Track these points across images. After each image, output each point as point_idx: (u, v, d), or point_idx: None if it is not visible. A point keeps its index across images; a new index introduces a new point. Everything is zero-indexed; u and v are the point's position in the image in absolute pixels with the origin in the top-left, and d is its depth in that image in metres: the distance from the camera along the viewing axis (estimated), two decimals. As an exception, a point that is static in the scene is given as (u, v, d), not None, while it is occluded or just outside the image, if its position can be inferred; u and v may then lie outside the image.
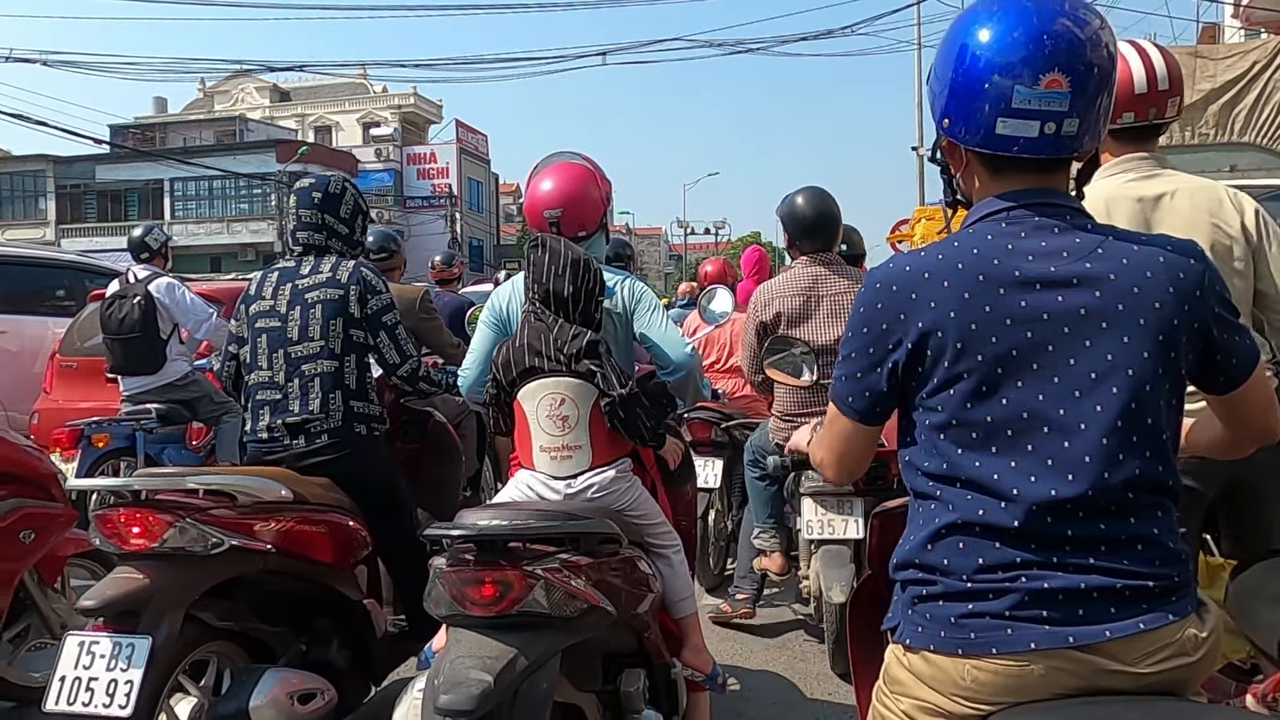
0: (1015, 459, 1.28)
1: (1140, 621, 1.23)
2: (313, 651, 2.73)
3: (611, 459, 2.38)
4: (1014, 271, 1.31)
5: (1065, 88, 1.30)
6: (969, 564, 1.28)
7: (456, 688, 1.79)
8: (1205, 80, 7.87)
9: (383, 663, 3.00)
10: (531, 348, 2.35)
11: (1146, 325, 1.29)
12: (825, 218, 3.77)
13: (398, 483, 3.03)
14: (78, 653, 2.20)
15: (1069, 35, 1.30)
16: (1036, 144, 1.33)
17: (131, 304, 5.35)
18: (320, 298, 2.86)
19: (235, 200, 39.45)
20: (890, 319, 1.36)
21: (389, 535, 2.95)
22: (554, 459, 2.33)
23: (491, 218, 49.07)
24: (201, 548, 2.33)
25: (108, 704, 2.14)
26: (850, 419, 1.46)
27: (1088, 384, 1.28)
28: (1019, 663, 1.24)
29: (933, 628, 1.30)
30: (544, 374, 2.33)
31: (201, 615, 2.41)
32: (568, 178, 2.76)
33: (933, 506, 1.34)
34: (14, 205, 40.58)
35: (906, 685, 1.35)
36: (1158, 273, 1.30)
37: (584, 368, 2.31)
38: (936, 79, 1.42)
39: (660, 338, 2.64)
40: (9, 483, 3.06)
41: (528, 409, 2.36)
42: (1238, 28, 14.63)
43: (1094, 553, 1.25)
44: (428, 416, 3.44)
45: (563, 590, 1.97)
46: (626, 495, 2.41)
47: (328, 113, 48.37)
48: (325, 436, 2.81)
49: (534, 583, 1.93)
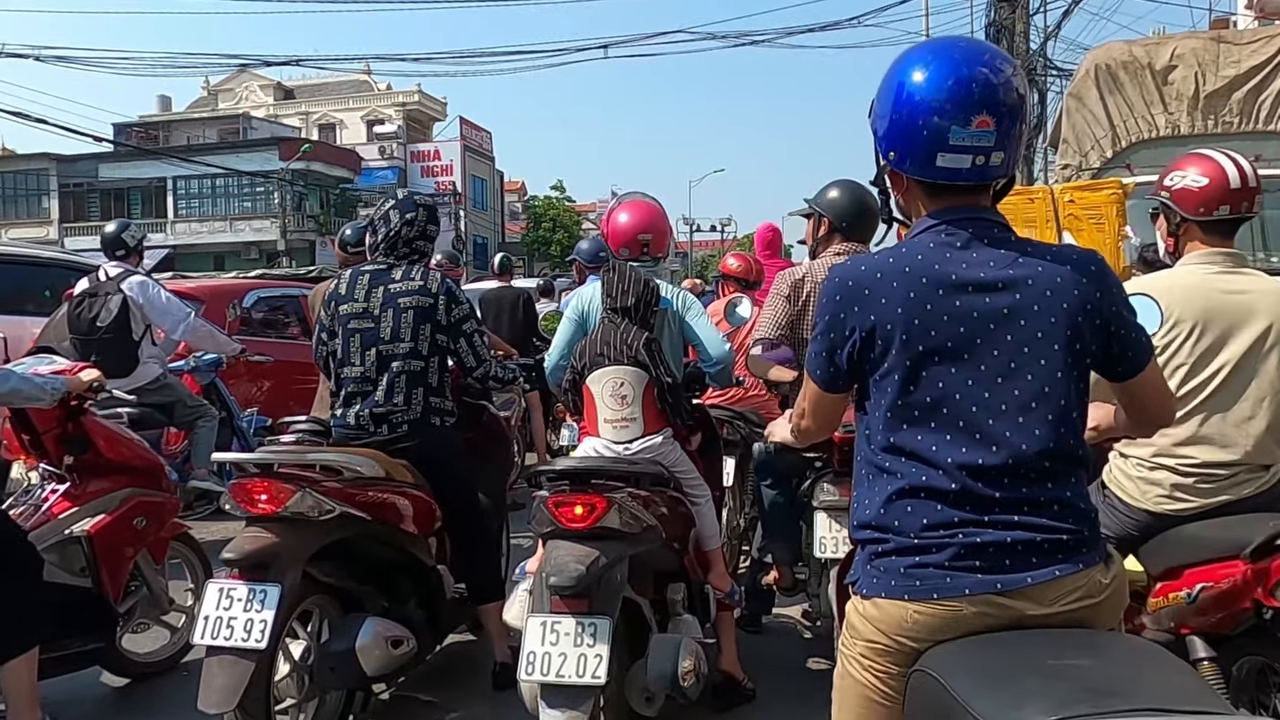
0: (949, 433, 1.51)
1: (1056, 569, 1.47)
2: (394, 607, 3.19)
3: (658, 428, 3.03)
4: (951, 275, 1.54)
5: (991, 126, 1.52)
6: (915, 524, 1.51)
7: (561, 572, 2.54)
8: (1229, 66, 7.61)
9: (448, 621, 3.47)
10: (603, 343, 3.03)
11: (1057, 322, 1.52)
12: (870, 208, 3.62)
13: (463, 466, 3.48)
14: (218, 597, 2.65)
15: (991, 82, 1.53)
16: (968, 173, 1.56)
17: (102, 303, 5.13)
18: (412, 303, 3.25)
19: (238, 198, 39.58)
20: (846, 310, 1.59)
21: (455, 510, 3.40)
22: (615, 428, 3.00)
23: (496, 215, 49.36)
24: (316, 513, 2.78)
25: (245, 639, 2.58)
26: (818, 387, 1.71)
27: (1008, 371, 1.52)
28: (954, 606, 1.47)
29: (884, 578, 1.53)
30: (609, 363, 2.99)
31: (311, 571, 2.88)
32: (652, 211, 3.58)
33: (884, 476, 1.56)
34: (17, 204, 40.67)
35: (860, 630, 1.57)
36: (1065, 278, 1.54)
37: (642, 359, 2.98)
38: (878, 115, 1.64)
39: (705, 337, 3.37)
40: (123, 474, 3.48)
41: (595, 390, 3.02)
42: (1250, 19, 14.15)
43: (1018, 512, 1.49)
44: (482, 409, 3.89)
45: (629, 513, 2.69)
46: (670, 455, 3.08)
47: (332, 110, 48.56)
48: (406, 427, 3.24)
49: (611, 505, 2.64)
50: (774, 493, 3.77)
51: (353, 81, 47.51)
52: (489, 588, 3.50)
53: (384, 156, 43.31)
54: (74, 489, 3.35)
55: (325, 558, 2.92)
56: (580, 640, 2.51)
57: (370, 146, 44.11)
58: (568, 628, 2.53)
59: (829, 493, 3.35)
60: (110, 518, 3.34)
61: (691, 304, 3.42)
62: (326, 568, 2.96)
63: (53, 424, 3.31)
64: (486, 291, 8.41)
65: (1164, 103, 7.89)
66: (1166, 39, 8.49)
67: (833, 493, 3.33)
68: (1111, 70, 7.97)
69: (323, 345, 3.42)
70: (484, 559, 3.53)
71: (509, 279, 8.96)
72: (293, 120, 47.68)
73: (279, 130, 43.64)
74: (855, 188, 3.70)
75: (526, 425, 7.43)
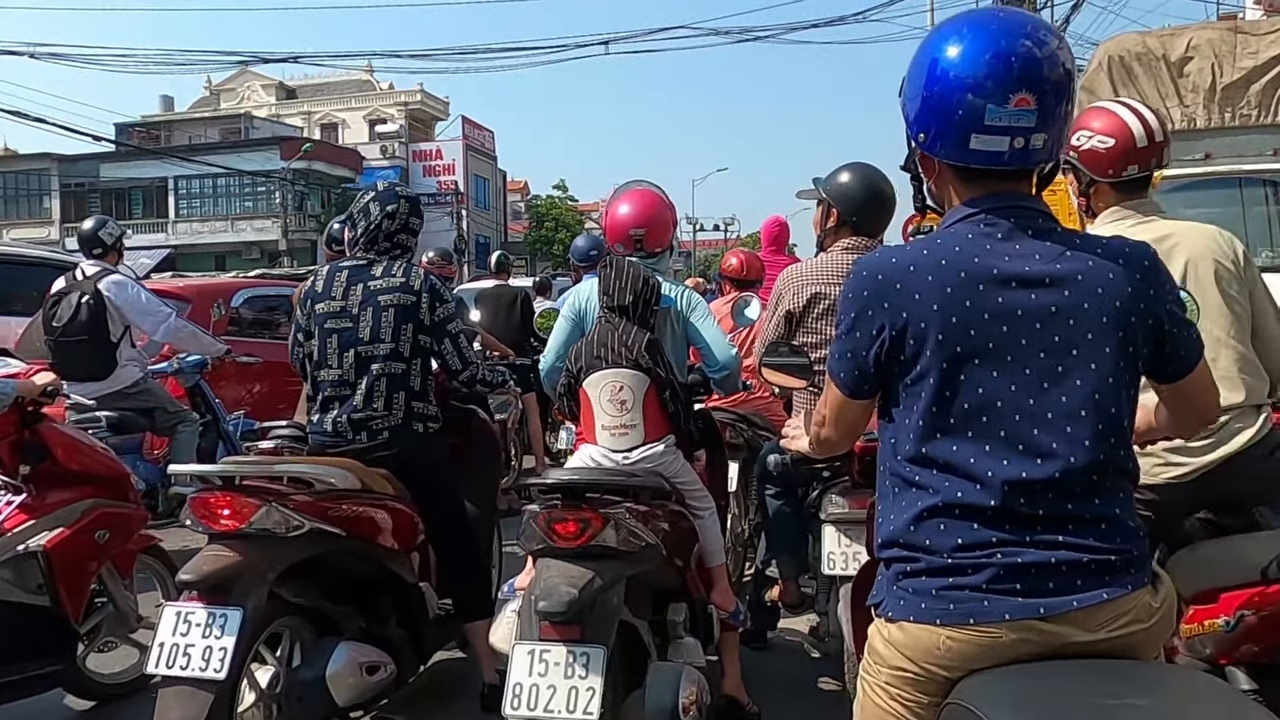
0: (989, 444, 1.38)
1: (1104, 592, 1.34)
2: (372, 629, 2.96)
3: (659, 436, 2.81)
4: (992, 269, 1.41)
5: (1032, 105, 1.39)
6: (949, 543, 1.38)
7: (550, 596, 2.30)
8: (1247, 57, 7.23)
9: (432, 641, 3.24)
10: (599, 344, 2.82)
11: (1109, 322, 1.40)
12: (885, 198, 3.37)
13: (448, 475, 3.26)
14: (175, 621, 2.43)
15: (1034, 56, 1.40)
16: (1006, 157, 1.43)
17: (78, 303, 4.87)
18: (393, 302, 3.02)
19: (239, 198, 39.66)
20: (875, 306, 1.45)
21: (439, 523, 3.18)
22: (613, 435, 2.78)
23: (499, 215, 49.25)
24: (284, 530, 2.56)
25: (203, 668, 2.36)
26: (842, 392, 1.55)
27: (1055, 375, 1.39)
28: (992, 631, 1.34)
29: (913, 600, 1.40)
30: (607, 365, 2.78)
31: (279, 591, 2.65)
32: (648, 202, 3.29)
33: (913, 490, 1.43)
34: (19, 204, 40.76)
35: (885, 657, 1.44)
36: (1117, 274, 1.42)
37: (644, 361, 2.76)
38: (909, 92, 1.51)
39: (712, 340, 3.15)
40: (85, 484, 3.25)
41: (592, 394, 2.80)
42: (1259, 13, 14.12)
43: (1063, 530, 1.36)
44: (471, 414, 3.66)
45: (627, 530, 2.47)
46: (672, 465, 2.85)
47: (334, 110, 48.54)
48: (386, 433, 3.03)
49: (606, 522, 2.42)
50: (779, 503, 3.53)
51: (355, 81, 47.49)
52: (476, 605, 3.28)
53: (386, 156, 43.22)
54: (30, 500, 3.11)
55: (296, 577, 2.69)
56: (571, 671, 2.27)
57: (372, 146, 44.04)
58: (557, 657, 2.29)
59: (838, 505, 3.08)
60: (69, 531, 3.11)
61: (697, 304, 3.20)
62: (297, 587, 2.73)
63: (7, 431, 3.08)
64: (483, 290, 8.23)
65: (1179, 95, 7.65)
66: (1181, 29, 8.27)
67: (842, 505, 3.07)
68: (1125, 62, 7.75)
69: (299, 346, 3.20)
70: (471, 574, 3.30)
71: (507, 277, 8.78)
72: (295, 120, 47.63)
73: (280, 130, 43.61)
74: (869, 174, 3.38)
75: (523, 428, 7.25)
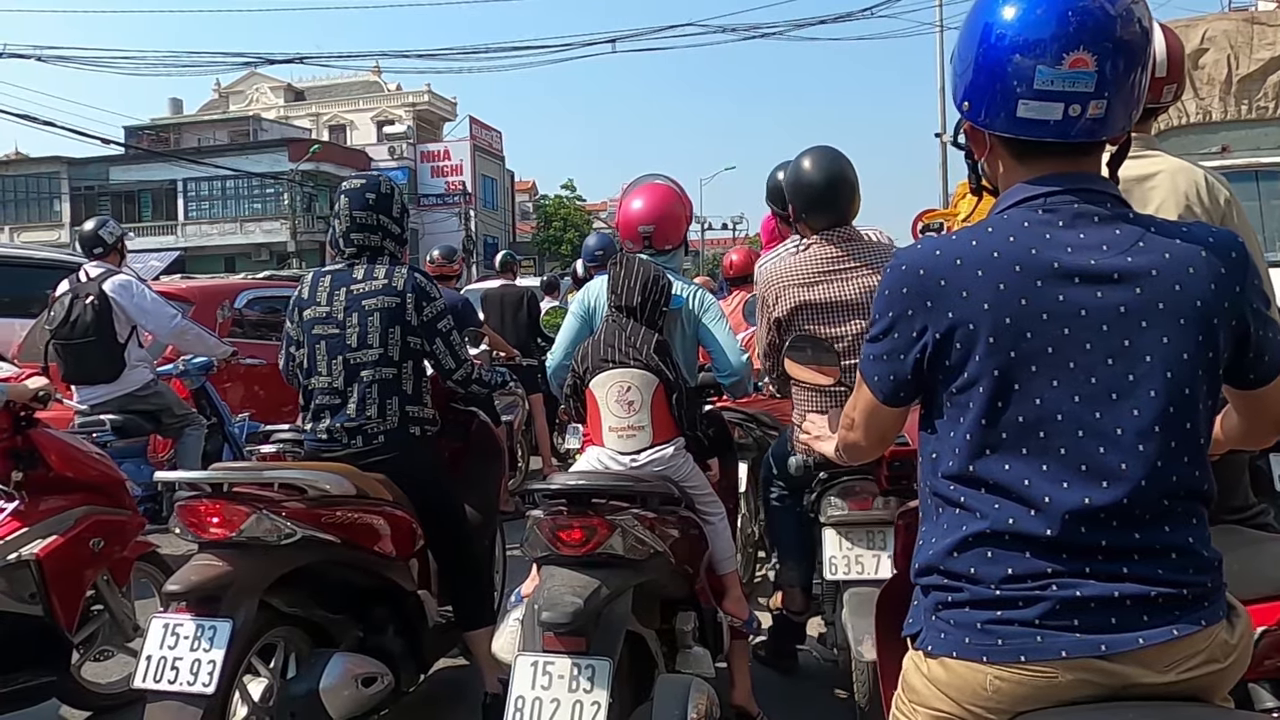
0: (1046, 463, 1.22)
1: (1174, 629, 1.18)
2: (370, 638, 2.88)
3: (668, 438, 2.73)
4: (1052, 263, 1.24)
5: (1091, 67, 1.22)
6: (997, 573, 1.23)
7: (554, 607, 2.19)
8: (1264, 48, 6.97)
9: (432, 651, 3.15)
10: (607, 345, 2.75)
11: (1187, 324, 1.22)
12: (839, 183, 3.07)
13: (448, 480, 3.17)
14: (163, 634, 2.35)
15: (1097, 11, 1.23)
16: (1062, 127, 1.26)
17: (83, 305, 4.81)
18: (378, 305, 2.91)
19: (248, 200, 39.82)
20: (916, 305, 1.29)
21: (439, 529, 3.08)
22: (621, 437, 2.70)
23: (507, 215, 49.21)
24: (275, 538, 2.48)
25: (191, 682, 2.28)
26: (875, 397, 1.40)
27: (1125, 386, 1.22)
28: (1046, 671, 1.19)
29: (956, 634, 1.25)
30: (614, 365, 2.71)
31: (272, 601, 2.57)
32: (658, 197, 3.21)
33: (957, 512, 1.28)
34: (29, 207, 40.92)
35: (923, 695, 1.30)
36: (1200, 268, 1.23)
37: (652, 362, 2.70)
38: (959, 59, 1.35)
39: (723, 344, 3.09)
40: (79, 491, 3.17)
41: (599, 395, 2.72)
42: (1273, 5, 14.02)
43: (1127, 561, 1.20)
44: (472, 417, 3.56)
45: (634, 537, 2.38)
46: (681, 469, 2.77)
47: (342, 111, 48.70)
48: (382, 438, 2.92)
49: (613, 529, 2.33)
50: (783, 507, 3.32)
51: (362, 82, 47.58)
52: (477, 613, 3.18)
53: (394, 157, 43.23)
54: (23, 508, 3.03)
55: (289, 586, 2.60)
56: (576, 685, 2.17)
57: (380, 147, 44.13)
58: (562, 670, 2.19)
59: (837, 507, 2.97)
60: (63, 539, 3.04)
61: (709, 305, 3.12)
62: (291, 597, 2.64)
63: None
64: (489, 290, 8.14)
65: (1194, 87, 7.56)
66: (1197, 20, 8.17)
67: (841, 507, 2.96)
68: (1140, 54, 7.63)
69: (290, 358, 3.08)
70: (471, 581, 3.20)
71: (513, 276, 8.69)
72: (303, 121, 47.75)
73: (289, 132, 43.75)
74: (819, 155, 3.09)
75: (530, 429, 7.17)
